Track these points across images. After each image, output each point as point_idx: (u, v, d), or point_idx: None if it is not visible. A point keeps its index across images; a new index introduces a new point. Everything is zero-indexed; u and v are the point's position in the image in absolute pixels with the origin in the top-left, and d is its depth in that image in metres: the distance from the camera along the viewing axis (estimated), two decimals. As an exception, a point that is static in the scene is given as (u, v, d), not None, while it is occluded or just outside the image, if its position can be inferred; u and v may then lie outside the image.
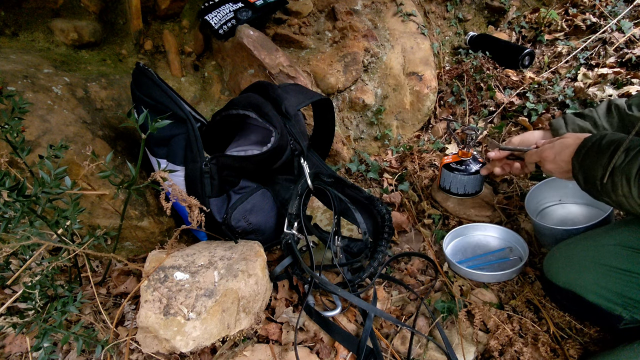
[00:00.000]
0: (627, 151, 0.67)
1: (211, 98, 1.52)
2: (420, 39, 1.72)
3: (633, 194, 0.66)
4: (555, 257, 0.89)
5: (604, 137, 0.73)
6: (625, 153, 0.67)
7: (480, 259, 1.09)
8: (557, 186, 1.14)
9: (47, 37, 1.30)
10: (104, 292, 1.02)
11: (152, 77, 1.03)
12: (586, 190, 0.77)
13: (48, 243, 0.75)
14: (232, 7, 1.49)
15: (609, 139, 0.72)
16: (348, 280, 0.98)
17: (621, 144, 0.68)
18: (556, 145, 0.83)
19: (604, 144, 0.72)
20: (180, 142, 1.01)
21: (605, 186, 0.70)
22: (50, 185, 0.72)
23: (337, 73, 1.51)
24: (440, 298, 0.98)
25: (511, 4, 1.99)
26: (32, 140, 0.98)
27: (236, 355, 0.84)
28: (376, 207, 1.08)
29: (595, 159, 0.72)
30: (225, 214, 1.02)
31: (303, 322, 0.93)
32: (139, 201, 1.13)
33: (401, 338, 0.90)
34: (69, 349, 0.88)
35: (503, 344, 0.85)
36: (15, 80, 1.03)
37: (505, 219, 1.21)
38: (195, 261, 0.93)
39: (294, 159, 1.11)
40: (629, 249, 0.77)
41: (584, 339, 0.87)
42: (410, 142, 1.65)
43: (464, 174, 1.21)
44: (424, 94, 1.64)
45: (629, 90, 1.41)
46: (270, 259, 1.14)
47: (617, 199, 0.70)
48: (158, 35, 1.49)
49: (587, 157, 0.75)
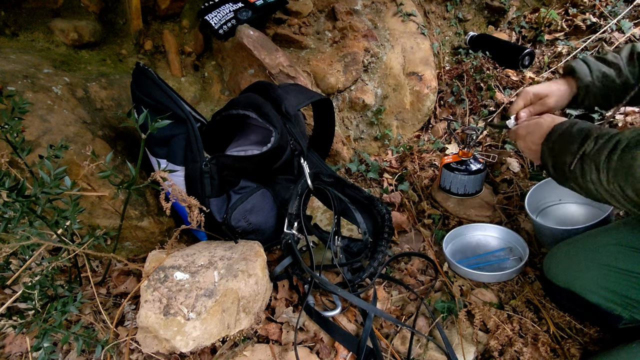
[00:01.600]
0: (597, 139, 0.68)
1: (211, 98, 1.52)
2: (420, 39, 1.72)
3: (602, 180, 0.67)
4: (555, 257, 0.89)
5: (575, 125, 0.73)
6: (594, 141, 0.68)
7: (480, 259, 1.09)
8: (557, 186, 1.13)
9: (47, 37, 1.30)
10: (104, 292, 1.02)
11: (152, 77, 1.03)
12: (553, 176, 0.78)
13: (48, 243, 0.75)
14: (232, 7, 1.49)
15: (580, 126, 0.72)
16: (348, 280, 0.98)
17: (592, 132, 0.69)
18: (530, 125, 0.83)
19: (574, 131, 0.72)
20: (180, 142, 1.01)
21: (573, 172, 0.71)
22: (50, 185, 0.72)
23: (337, 73, 1.51)
24: (440, 298, 0.98)
25: (511, 4, 1.99)
26: (32, 140, 0.98)
27: (236, 355, 0.84)
28: (376, 207, 1.08)
29: (565, 145, 0.73)
30: (225, 214, 1.02)
31: (303, 322, 0.93)
32: (139, 201, 1.13)
33: (401, 338, 0.90)
34: (69, 349, 0.88)
35: (503, 344, 0.85)
36: (15, 80, 1.03)
37: (505, 219, 1.21)
38: (195, 261, 0.93)
39: (294, 159, 1.11)
40: (628, 248, 0.77)
41: (584, 339, 0.87)
42: (410, 142, 1.65)
43: (465, 174, 1.22)
44: (424, 94, 1.64)
45: (629, 90, 1.41)
46: (270, 259, 1.14)
47: (585, 185, 0.70)
48: (158, 35, 1.49)
49: (557, 143, 0.75)
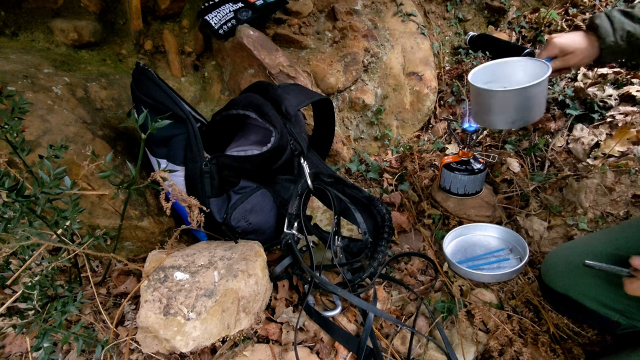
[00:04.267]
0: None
1: (211, 98, 1.52)
2: (420, 39, 1.72)
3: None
4: (553, 262, 0.89)
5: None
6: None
7: (480, 259, 1.09)
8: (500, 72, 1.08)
9: (47, 37, 1.30)
10: (104, 292, 1.02)
11: (152, 77, 1.03)
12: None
13: (48, 243, 0.75)
14: (232, 7, 1.49)
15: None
16: (348, 280, 0.98)
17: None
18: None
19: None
20: (180, 142, 1.01)
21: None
22: (50, 185, 0.72)
23: (337, 73, 1.51)
24: (440, 298, 0.98)
25: (511, 4, 1.99)
26: (32, 140, 0.98)
27: (236, 355, 0.84)
28: (376, 207, 1.08)
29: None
30: (225, 214, 1.02)
31: (303, 322, 0.93)
32: (139, 201, 1.13)
33: (401, 338, 0.90)
34: (69, 349, 0.88)
35: (503, 344, 0.85)
36: (15, 80, 1.03)
37: (505, 219, 1.21)
38: (195, 261, 0.93)
39: (294, 159, 1.11)
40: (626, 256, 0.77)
41: (583, 340, 0.87)
42: (410, 142, 1.65)
43: (465, 173, 1.22)
44: (424, 94, 1.64)
45: (629, 91, 1.41)
46: (270, 259, 1.14)
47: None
48: (158, 35, 1.49)
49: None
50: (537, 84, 0.90)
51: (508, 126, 1.01)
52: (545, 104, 0.98)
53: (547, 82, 0.93)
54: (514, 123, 0.98)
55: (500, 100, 0.95)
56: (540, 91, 0.94)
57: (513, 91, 0.92)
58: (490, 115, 0.99)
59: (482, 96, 0.98)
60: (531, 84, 0.90)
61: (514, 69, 1.04)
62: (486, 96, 0.96)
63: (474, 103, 1.04)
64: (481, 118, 1.04)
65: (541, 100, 0.96)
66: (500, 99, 0.95)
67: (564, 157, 1.34)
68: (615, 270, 0.72)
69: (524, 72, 1.03)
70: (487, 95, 0.96)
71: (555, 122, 1.45)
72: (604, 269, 0.73)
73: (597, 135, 1.33)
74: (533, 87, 0.90)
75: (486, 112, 1.00)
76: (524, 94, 0.92)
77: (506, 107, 0.95)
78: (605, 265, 0.73)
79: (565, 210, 1.14)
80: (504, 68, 1.05)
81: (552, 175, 1.27)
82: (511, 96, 0.93)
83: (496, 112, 0.97)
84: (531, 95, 0.93)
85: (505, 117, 0.97)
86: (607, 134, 1.32)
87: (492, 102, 0.96)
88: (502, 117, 0.98)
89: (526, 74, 1.03)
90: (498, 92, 0.93)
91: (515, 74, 1.05)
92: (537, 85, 0.91)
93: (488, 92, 0.95)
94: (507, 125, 1.01)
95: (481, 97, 0.98)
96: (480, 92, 0.97)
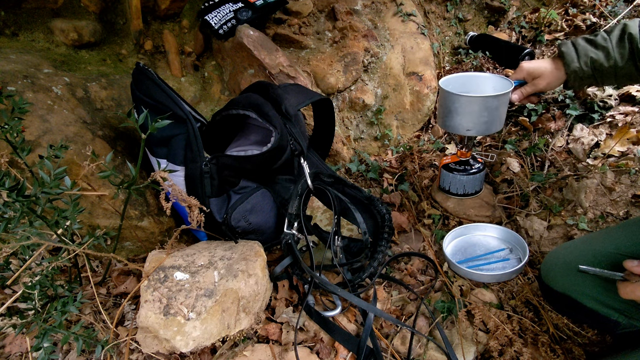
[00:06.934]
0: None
1: (211, 98, 1.52)
2: (420, 39, 1.72)
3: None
4: (553, 262, 0.89)
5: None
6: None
7: (480, 259, 1.09)
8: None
9: (47, 37, 1.30)
10: (104, 292, 1.02)
11: (152, 77, 1.03)
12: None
13: (48, 243, 0.75)
14: (232, 7, 1.49)
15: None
16: (348, 280, 0.98)
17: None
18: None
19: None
20: (180, 142, 1.01)
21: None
22: (50, 185, 0.72)
23: (337, 73, 1.51)
24: (440, 298, 0.99)
25: (511, 4, 1.99)
26: (32, 140, 0.98)
27: (236, 355, 0.84)
28: (376, 207, 1.09)
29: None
30: (225, 214, 1.02)
31: (303, 322, 0.93)
32: (139, 201, 1.13)
33: (401, 338, 0.90)
34: (69, 349, 0.88)
35: (503, 344, 0.85)
36: (15, 80, 1.03)
37: (505, 219, 1.21)
38: (195, 261, 0.93)
39: (294, 159, 1.11)
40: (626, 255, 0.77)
41: (583, 340, 0.87)
42: (410, 142, 1.65)
43: (463, 174, 1.22)
44: (424, 94, 1.64)
45: (629, 91, 1.41)
46: (270, 259, 1.14)
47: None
48: (158, 35, 1.49)
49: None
50: (501, 96, 1.01)
51: (463, 132, 1.09)
52: (504, 119, 1.09)
53: (508, 98, 1.04)
54: (469, 130, 1.07)
55: (463, 105, 1.04)
56: (501, 104, 1.04)
57: (476, 98, 1.02)
58: (451, 118, 1.08)
59: (448, 99, 1.06)
60: (493, 95, 1.01)
61: (485, 83, 1.14)
62: (451, 99, 1.05)
63: (439, 105, 1.13)
64: (442, 120, 1.12)
65: (501, 113, 1.06)
66: (463, 103, 1.03)
67: (564, 157, 1.34)
68: (609, 275, 0.72)
69: (494, 88, 1.13)
70: (452, 98, 1.05)
71: (555, 122, 1.45)
72: (597, 274, 0.73)
73: (597, 135, 1.33)
74: (495, 97, 1.01)
75: (448, 114, 1.08)
76: (485, 103, 1.02)
77: (467, 112, 1.04)
78: (599, 270, 0.73)
79: (565, 210, 1.14)
80: (475, 80, 1.15)
81: (552, 175, 1.27)
82: (474, 102, 1.02)
83: (457, 116, 1.06)
84: (492, 106, 1.02)
85: (465, 122, 1.06)
86: (607, 134, 1.32)
87: (456, 106, 1.05)
88: (462, 122, 1.06)
89: (495, 89, 1.12)
90: (462, 96, 1.03)
91: (485, 88, 1.14)
92: (500, 97, 1.01)
93: (453, 96, 1.04)
94: (463, 131, 1.09)
95: (446, 100, 1.07)
96: (447, 96, 1.06)
